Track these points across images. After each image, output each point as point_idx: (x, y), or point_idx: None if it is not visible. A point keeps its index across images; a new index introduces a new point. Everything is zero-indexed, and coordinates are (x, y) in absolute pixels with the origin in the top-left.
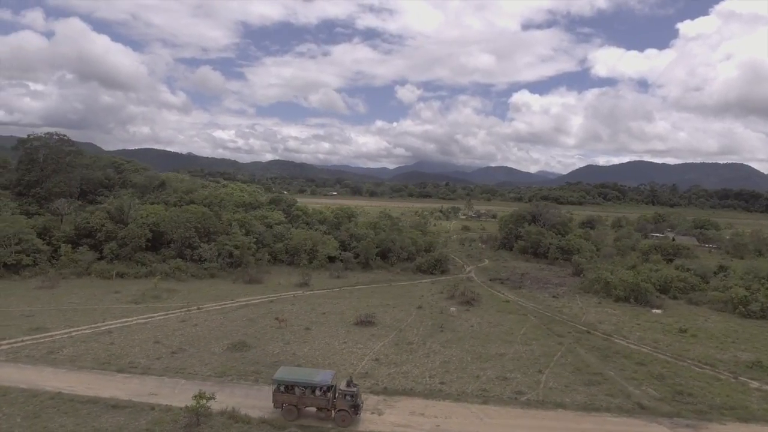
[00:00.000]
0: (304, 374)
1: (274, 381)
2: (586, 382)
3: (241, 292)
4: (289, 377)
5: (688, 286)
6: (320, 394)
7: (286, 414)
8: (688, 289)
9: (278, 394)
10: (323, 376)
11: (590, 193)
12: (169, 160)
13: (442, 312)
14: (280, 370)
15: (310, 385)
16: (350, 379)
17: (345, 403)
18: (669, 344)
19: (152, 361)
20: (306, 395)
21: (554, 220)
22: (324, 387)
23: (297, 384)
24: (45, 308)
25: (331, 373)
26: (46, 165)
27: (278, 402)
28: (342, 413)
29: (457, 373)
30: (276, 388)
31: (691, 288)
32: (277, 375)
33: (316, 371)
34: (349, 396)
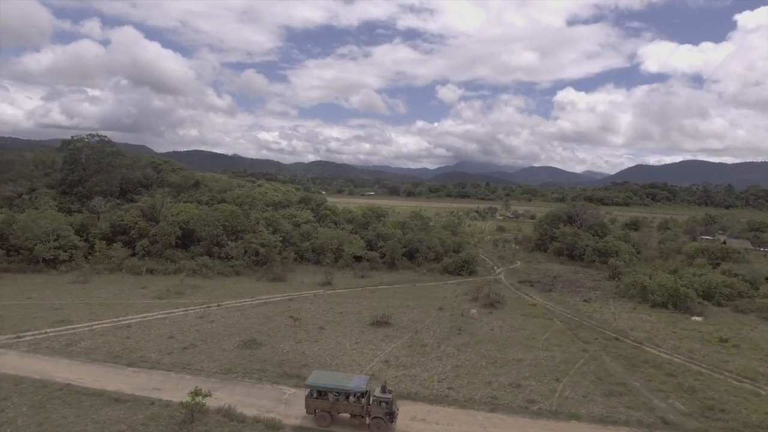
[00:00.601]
0: (337, 379)
1: (307, 386)
2: (607, 393)
3: (263, 290)
4: (322, 383)
5: (734, 293)
6: (354, 401)
7: (319, 420)
8: (734, 295)
9: (311, 399)
10: (357, 382)
11: (638, 194)
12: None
13: (462, 314)
14: (312, 374)
15: (343, 391)
16: (385, 385)
17: (380, 410)
18: (706, 354)
19: (163, 356)
20: (340, 401)
21: (592, 221)
22: (358, 393)
23: (330, 390)
24: (74, 302)
25: (365, 378)
26: (88, 165)
27: (311, 408)
28: (377, 421)
29: (467, 378)
30: (308, 394)
31: (738, 294)
32: (309, 380)
33: (349, 376)
34: (384, 403)
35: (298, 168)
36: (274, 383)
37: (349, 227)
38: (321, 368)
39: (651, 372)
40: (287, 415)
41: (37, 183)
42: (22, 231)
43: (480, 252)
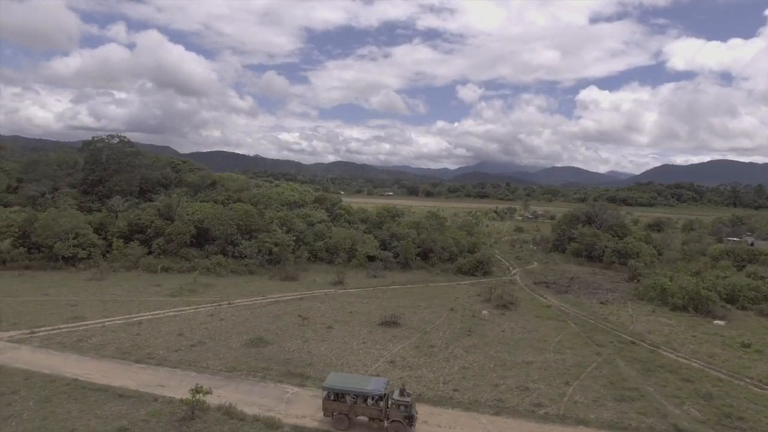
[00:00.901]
0: (355, 382)
1: (324, 389)
2: (618, 398)
3: (275, 289)
4: (340, 385)
5: (760, 296)
6: (372, 404)
7: (336, 423)
8: (760, 299)
9: (328, 402)
10: (375, 385)
11: (662, 194)
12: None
13: (473, 315)
14: (329, 376)
15: (361, 393)
16: (403, 388)
17: (399, 414)
18: (726, 360)
19: (170, 352)
20: (357, 404)
21: (612, 221)
22: (376, 396)
23: (348, 392)
24: (89, 299)
25: (384, 381)
26: (108, 165)
27: (328, 410)
28: (395, 424)
29: (474, 381)
30: (326, 396)
31: (764, 298)
32: (327, 382)
33: (367, 379)
34: (403, 406)
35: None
36: (277, 382)
37: (363, 227)
38: (326, 368)
39: (667, 377)
40: (288, 414)
41: (60, 183)
42: (42, 229)
43: (496, 252)
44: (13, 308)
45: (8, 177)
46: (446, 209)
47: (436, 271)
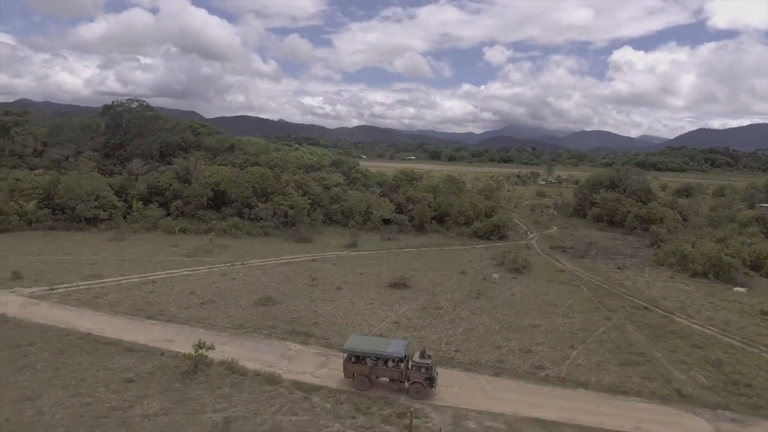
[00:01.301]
0: (375, 345)
1: (344, 351)
2: (623, 362)
3: (289, 251)
4: (360, 348)
5: None
6: (393, 366)
7: (357, 384)
8: None
9: (349, 364)
10: (396, 348)
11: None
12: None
13: (484, 279)
14: (350, 339)
15: (382, 356)
16: (424, 350)
17: (419, 376)
18: (742, 327)
19: (181, 310)
20: (378, 366)
21: (636, 186)
22: (397, 358)
23: (368, 355)
24: (108, 258)
25: (404, 343)
26: (128, 129)
27: (349, 372)
28: (416, 386)
29: (477, 342)
30: (347, 358)
31: None
32: (347, 345)
33: (387, 341)
34: (423, 368)
35: (342, 133)
36: (282, 339)
37: (378, 190)
38: (331, 327)
39: (676, 343)
40: (289, 370)
41: (83, 146)
42: (65, 191)
43: (515, 217)
44: (36, 266)
45: (34, 141)
46: (468, 174)
47: (452, 235)
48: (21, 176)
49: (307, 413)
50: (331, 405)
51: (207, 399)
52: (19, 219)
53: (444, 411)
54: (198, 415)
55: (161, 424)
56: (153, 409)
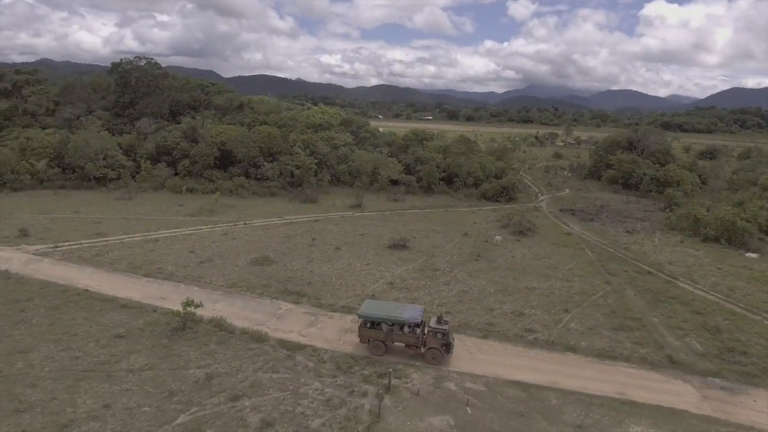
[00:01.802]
0: (391, 309)
1: (359, 316)
2: (616, 327)
3: (293, 211)
4: (376, 313)
5: None
6: (409, 331)
7: (372, 349)
8: None
9: (364, 329)
10: (411, 313)
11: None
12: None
13: (486, 241)
14: (365, 303)
15: (398, 321)
16: (441, 315)
17: (436, 341)
18: (748, 293)
19: (179, 268)
20: (394, 331)
21: (654, 147)
22: (413, 324)
23: (383, 320)
24: (114, 217)
25: (419, 309)
26: (138, 88)
27: (364, 337)
28: (432, 351)
29: (470, 304)
30: (362, 323)
31: None
32: (362, 310)
33: (403, 306)
34: (440, 333)
35: (360, 92)
36: (273, 299)
37: (387, 150)
38: (324, 287)
39: (676, 308)
40: (276, 328)
41: (94, 105)
42: (74, 150)
43: (528, 179)
44: (43, 224)
45: (47, 100)
46: (485, 134)
47: (459, 197)
48: (32, 135)
49: (288, 371)
50: (313, 364)
51: (192, 355)
52: (31, 178)
53: (426, 372)
54: (181, 371)
55: (145, 378)
56: (139, 364)
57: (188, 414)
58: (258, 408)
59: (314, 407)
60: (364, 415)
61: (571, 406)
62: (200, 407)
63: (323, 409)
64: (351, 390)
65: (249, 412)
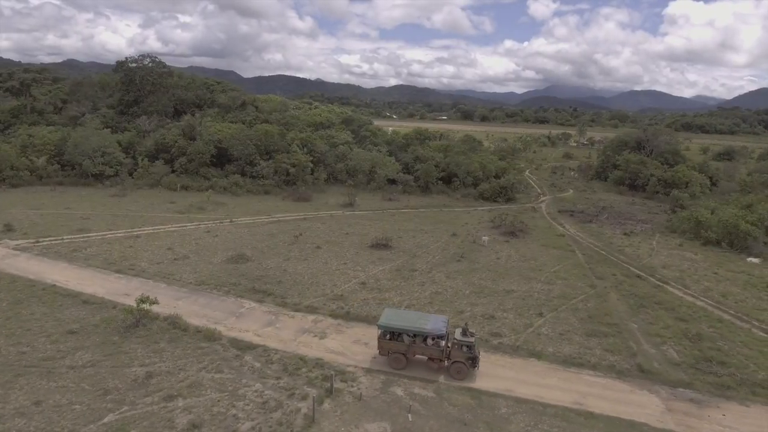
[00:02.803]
0: (412, 320)
1: (379, 327)
2: (590, 333)
3: (284, 209)
4: (396, 324)
5: None
6: (432, 343)
7: (393, 363)
8: None
9: (384, 341)
10: (435, 324)
11: (747, 121)
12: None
13: (474, 241)
14: (384, 313)
15: (420, 332)
16: (466, 327)
17: (461, 355)
18: (741, 300)
19: (152, 265)
20: (416, 343)
21: (663, 147)
22: (436, 335)
23: (405, 331)
24: (104, 213)
25: (443, 319)
26: (142, 86)
27: (384, 349)
28: (458, 365)
29: (440, 306)
30: (381, 334)
31: None
32: (382, 320)
33: (426, 316)
34: (466, 347)
35: (378, 93)
36: (238, 297)
37: (384, 149)
38: (294, 286)
39: (659, 314)
40: (232, 327)
41: (100, 104)
42: (73, 147)
43: (533, 179)
44: (31, 219)
45: (55, 98)
46: (497, 134)
47: (457, 196)
48: (33, 132)
49: (233, 371)
50: (260, 364)
51: (139, 353)
52: (30, 174)
53: (376, 376)
54: (123, 369)
55: (84, 375)
56: (82, 361)
57: (117, 413)
58: (190, 409)
59: (248, 410)
60: (299, 420)
61: (522, 415)
62: (131, 406)
63: (257, 412)
64: (292, 393)
65: (179, 413)
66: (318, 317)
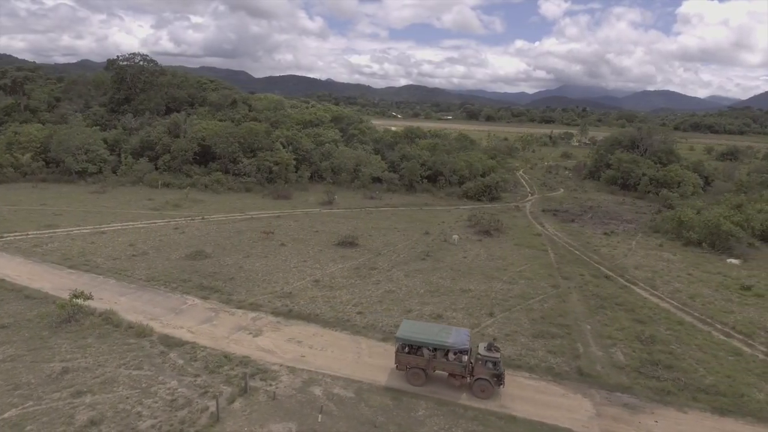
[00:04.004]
0: (433, 332)
1: (397, 339)
2: (537, 334)
3: (260, 206)
4: (416, 336)
5: None
6: (454, 358)
7: (411, 379)
8: None
9: (402, 355)
10: (457, 337)
11: (758, 121)
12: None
13: (445, 240)
14: (403, 324)
15: (441, 347)
16: (492, 342)
17: (486, 371)
18: (709, 302)
19: (108, 261)
20: (437, 358)
21: (658, 146)
22: (458, 350)
23: (425, 345)
24: (77, 209)
25: (466, 332)
26: (133, 84)
27: (401, 363)
28: (481, 383)
29: (389, 305)
30: (399, 347)
31: None
32: (400, 332)
33: (447, 329)
34: (491, 363)
35: (388, 93)
36: (185, 293)
37: (370, 147)
38: (245, 283)
39: (617, 315)
40: (167, 324)
41: (92, 102)
42: (57, 144)
43: (526, 178)
44: (3, 215)
45: (48, 96)
46: (501, 133)
47: (441, 195)
48: (20, 130)
49: (153, 368)
50: (184, 361)
51: (64, 348)
52: (15, 171)
53: (299, 374)
54: (42, 364)
55: (1, 369)
56: (3, 355)
57: (20, 408)
58: (95, 405)
59: (155, 408)
60: (203, 419)
61: (438, 418)
62: (37, 402)
63: (163, 410)
64: (205, 391)
65: (82, 409)
66: (259, 315)
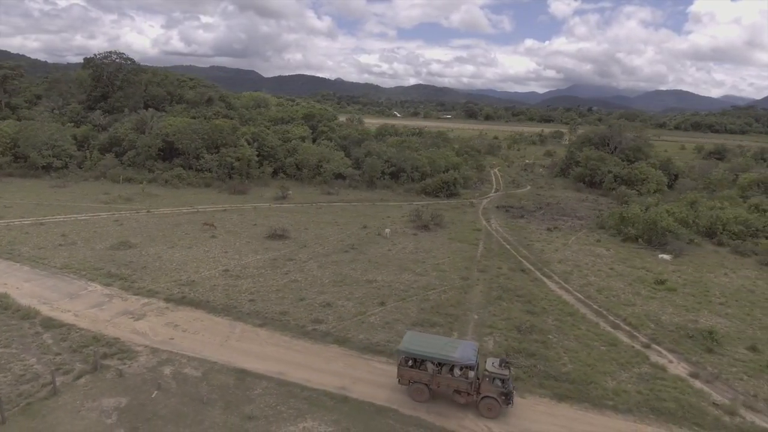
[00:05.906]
0: (438, 346)
1: (399, 352)
2: (418, 322)
3: (214, 201)
4: (419, 350)
5: (748, 231)
6: (460, 374)
7: (414, 394)
8: (746, 234)
9: (404, 368)
10: (464, 351)
11: (761, 120)
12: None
13: (378, 234)
14: (407, 336)
15: (446, 361)
16: (504, 358)
17: (493, 389)
18: (615, 295)
19: (33, 250)
20: (442, 373)
21: (627, 144)
22: (465, 365)
23: (429, 359)
24: (30, 202)
25: (473, 345)
26: (110, 82)
27: (404, 378)
28: (488, 401)
29: (285, 294)
30: (402, 361)
31: (752, 234)
32: (403, 345)
33: (453, 342)
34: (499, 380)
35: (397, 92)
36: (90, 280)
37: (333, 144)
38: (156, 272)
39: (511, 307)
40: (58, 308)
41: (72, 99)
42: (24, 140)
43: (499, 175)
44: None
45: (31, 94)
46: (493, 132)
47: (400, 191)
48: None
49: (21, 347)
50: (53, 341)
51: None
52: None
53: (158, 355)
54: None
55: None
56: None
57: None
58: None
59: (2, 381)
60: (42, 392)
61: (271, 397)
62: None
63: (9, 383)
64: (59, 368)
65: None
66: (151, 300)
